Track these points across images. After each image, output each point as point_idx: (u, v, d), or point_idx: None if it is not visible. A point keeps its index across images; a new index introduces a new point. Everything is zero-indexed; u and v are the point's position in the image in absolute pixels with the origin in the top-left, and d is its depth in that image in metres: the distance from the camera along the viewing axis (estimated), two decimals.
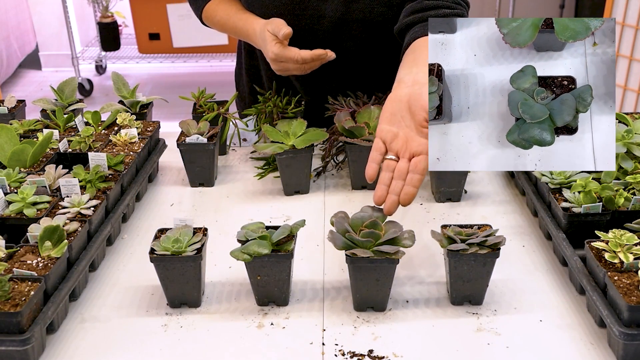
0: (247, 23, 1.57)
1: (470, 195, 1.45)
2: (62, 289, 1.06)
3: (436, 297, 1.13)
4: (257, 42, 1.55)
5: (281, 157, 1.41)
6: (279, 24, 1.45)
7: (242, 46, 1.80)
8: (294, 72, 1.49)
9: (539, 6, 4.82)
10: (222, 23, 1.64)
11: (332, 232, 1.08)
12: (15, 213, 1.21)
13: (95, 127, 1.58)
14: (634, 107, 3.22)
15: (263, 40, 1.50)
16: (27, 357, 0.96)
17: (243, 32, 1.59)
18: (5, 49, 4.59)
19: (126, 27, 4.99)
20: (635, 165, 1.30)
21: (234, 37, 1.69)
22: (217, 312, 1.11)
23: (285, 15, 1.53)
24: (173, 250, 1.08)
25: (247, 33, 1.57)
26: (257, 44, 1.56)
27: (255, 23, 1.54)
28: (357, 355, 1.00)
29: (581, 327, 1.05)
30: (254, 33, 1.54)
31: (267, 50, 1.47)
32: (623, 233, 1.07)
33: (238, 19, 1.59)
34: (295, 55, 1.43)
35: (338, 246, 1.07)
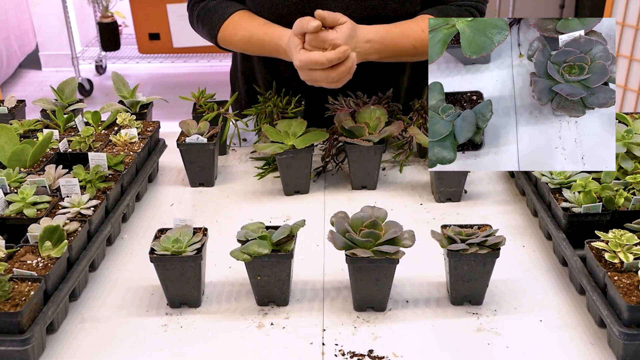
0: (275, 36, 1.49)
1: (470, 195, 1.44)
2: (62, 289, 1.06)
3: (436, 297, 1.13)
4: (285, 53, 1.47)
5: (281, 157, 1.41)
6: (304, 22, 1.38)
7: None
8: (323, 84, 1.40)
9: (539, 6, 4.82)
10: (245, 41, 1.56)
11: (332, 232, 1.08)
12: (15, 213, 1.21)
13: (95, 127, 1.58)
14: (634, 107, 3.22)
15: (290, 50, 1.43)
16: (27, 357, 0.96)
17: (271, 46, 1.51)
18: (5, 49, 4.58)
19: (126, 27, 4.99)
20: (635, 165, 1.30)
21: (260, 54, 1.60)
22: (217, 312, 1.11)
23: (295, 15, 1.52)
24: (173, 250, 1.08)
25: (276, 46, 1.49)
26: (286, 56, 1.48)
27: (283, 34, 1.48)
28: (357, 355, 1.00)
29: (581, 327, 1.05)
30: (282, 44, 1.47)
31: (294, 59, 1.40)
32: (623, 233, 1.07)
33: (263, 34, 1.52)
34: (320, 58, 1.36)
35: (338, 246, 1.07)
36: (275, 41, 1.49)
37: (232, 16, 1.59)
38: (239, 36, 1.57)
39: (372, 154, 1.43)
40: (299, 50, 1.39)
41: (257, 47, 1.55)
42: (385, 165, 1.57)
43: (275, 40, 1.49)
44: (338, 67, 1.37)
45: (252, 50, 1.59)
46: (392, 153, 1.58)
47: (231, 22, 1.58)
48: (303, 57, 1.37)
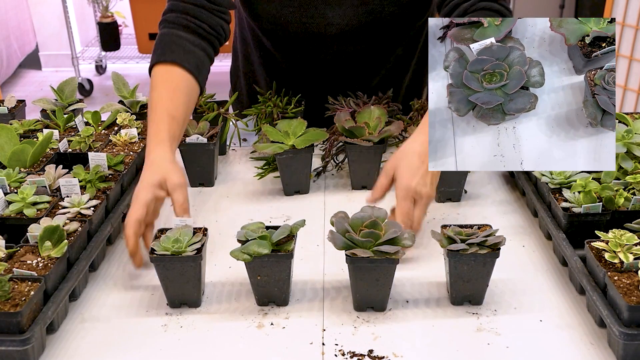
0: (154, 135, 1.27)
1: (470, 195, 1.44)
2: (62, 289, 1.06)
3: (436, 297, 1.13)
4: (147, 160, 1.25)
5: (281, 157, 1.41)
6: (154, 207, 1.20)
7: (237, 50, 1.80)
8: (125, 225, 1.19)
9: (538, 6, 4.81)
10: (149, 100, 1.34)
11: (332, 232, 1.08)
12: (15, 213, 1.21)
13: (95, 127, 1.58)
14: (634, 107, 3.22)
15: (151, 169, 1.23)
16: (27, 357, 0.96)
17: (149, 134, 1.29)
18: (5, 49, 4.58)
19: (126, 27, 4.99)
20: (635, 165, 1.29)
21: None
22: (217, 312, 1.11)
23: (292, 23, 1.52)
24: (173, 251, 1.08)
25: (149, 140, 1.28)
26: (146, 160, 1.26)
27: (160, 145, 1.25)
28: (357, 355, 1.00)
29: (581, 327, 1.05)
30: (151, 150, 1.26)
31: (140, 182, 1.21)
32: (623, 233, 1.07)
33: (157, 117, 1.29)
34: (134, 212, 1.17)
35: (338, 246, 1.06)
36: (152, 138, 1.28)
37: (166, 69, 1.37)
38: (151, 94, 1.35)
39: (372, 154, 1.43)
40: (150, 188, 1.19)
41: (148, 118, 1.33)
42: None
43: (153, 137, 1.28)
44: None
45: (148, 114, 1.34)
46: (392, 153, 1.58)
47: (161, 73, 1.37)
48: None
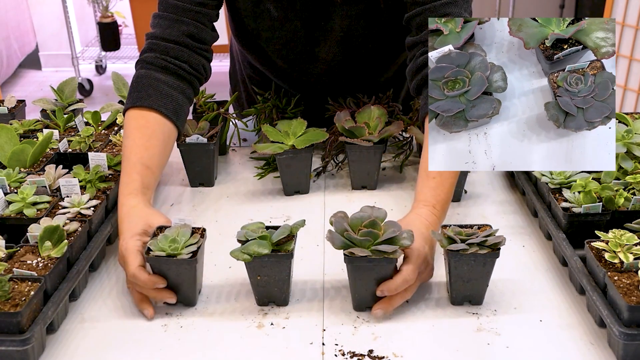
0: (126, 185, 1.22)
1: (470, 195, 1.44)
2: (62, 289, 1.06)
3: (436, 297, 1.13)
4: (121, 212, 1.19)
5: (281, 157, 1.41)
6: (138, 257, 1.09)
7: (235, 51, 1.79)
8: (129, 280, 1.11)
9: (538, 6, 4.82)
10: (123, 147, 1.30)
11: (331, 232, 1.08)
12: (15, 213, 1.21)
13: (95, 127, 1.58)
14: (634, 107, 3.22)
15: (129, 219, 1.16)
16: (27, 357, 0.96)
17: (121, 183, 1.24)
18: (5, 49, 4.59)
19: (126, 27, 4.99)
20: (635, 165, 1.30)
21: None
22: (217, 312, 1.11)
23: (279, 59, 1.53)
24: (169, 252, 1.07)
25: (121, 191, 1.23)
26: (120, 212, 1.19)
27: (133, 194, 1.20)
28: (357, 355, 1.00)
29: (581, 327, 1.05)
30: (123, 202, 1.21)
31: (124, 236, 1.14)
32: (623, 233, 1.07)
33: (130, 166, 1.25)
34: (131, 264, 1.08)
35: (336, 245, 1.06)
36: (122, 189, 1.23)
37: (141, 114, 1.32)
38: (124, 139, 1.31)
39: (372, 154, 1.43)
40: (135, 260, 1.09)
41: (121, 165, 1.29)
42: (385, 165, 1.56)
43: (123, 188, 1.23)
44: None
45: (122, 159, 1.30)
46: (392, 153, 1.58)
47: (134, 117, 1.32)
48: (136, 273, 1.07)
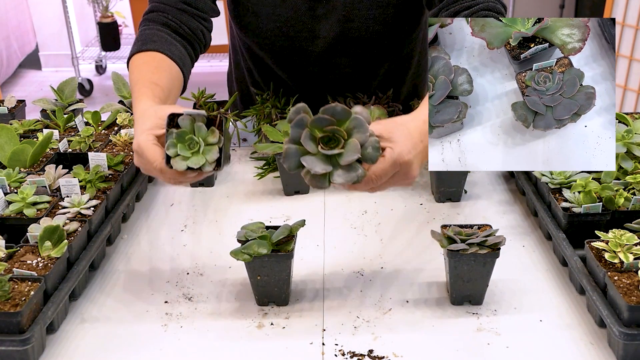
0: (138, 94, 1.20)
1: (470, 195, 1.44)
2: (62, 289, 1.06)
3: (436, 297, 1.13)
4: (136, 114, 1.17)
5: (281, 157, 1.41)
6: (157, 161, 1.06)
7: (234, 44, 1.79)
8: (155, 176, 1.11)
9: (538, 6, 4.82)
10: (130, 82, 1.29)
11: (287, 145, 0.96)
12: (15, 213, 1.21)
13: (95, 127, 1.58)
14: (634, 107, 3.22)
15: (140, 120, 1.13)
16: (27, 357, 0.96)
17: (132, 98, 1.23)
18: (5, 49, 4.59)
19: (126, 27, 4.99)
20: (635, 165, 1.30)
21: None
22: (217, 312, 1.11)
23: (278, 37, 1.53)
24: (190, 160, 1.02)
25: (133, 101, 1.21)
26: (135, 115, 1.18)
27: (143, 99, 1.18)
28: (357, 355, 1.00)
29: (581, 327, 1.06)
30: (136, 105, 1.19)
31: (135, 135, 1.10)
32: (623, 233, 1.07)
33: (139, 86, 1.23)
34: (154, 160, 1.06)
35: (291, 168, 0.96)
36: (135, 102, 1.20)
37: (146, 54, 1.32)
38: (130, 76, 1.30)
39: None
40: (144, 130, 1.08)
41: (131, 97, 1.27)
42: None
43: (135, 100, 1.20)
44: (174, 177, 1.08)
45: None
46: None
47: (139, 58, 1.32)
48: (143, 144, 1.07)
